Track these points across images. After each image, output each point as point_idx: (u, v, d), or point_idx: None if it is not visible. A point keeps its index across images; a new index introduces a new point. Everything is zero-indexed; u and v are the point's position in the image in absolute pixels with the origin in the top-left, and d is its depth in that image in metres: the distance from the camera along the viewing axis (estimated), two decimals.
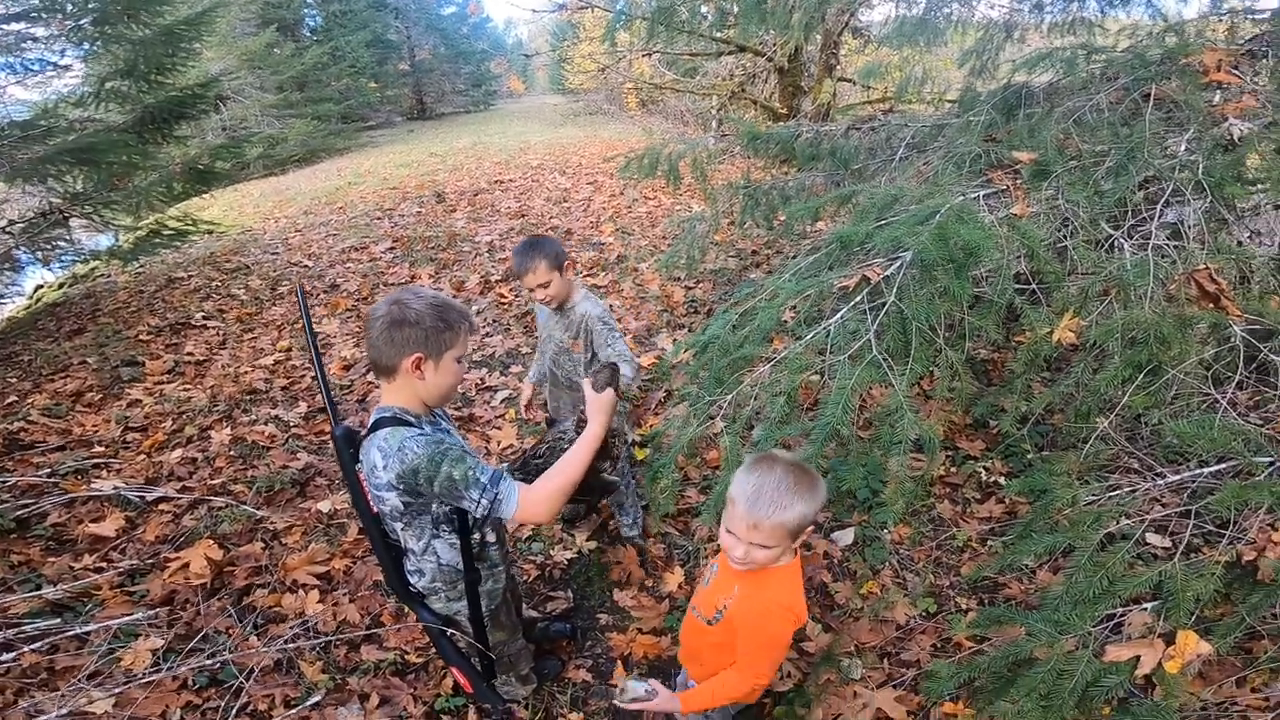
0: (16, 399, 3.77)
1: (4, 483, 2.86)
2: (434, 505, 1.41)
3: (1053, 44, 3.28)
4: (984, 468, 2.91)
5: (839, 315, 1.84)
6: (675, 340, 4.26)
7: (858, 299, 1.85)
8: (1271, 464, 1.33)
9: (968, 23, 4.96)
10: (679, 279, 5.12)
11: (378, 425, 1.35)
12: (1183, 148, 1.79)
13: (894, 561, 2.49)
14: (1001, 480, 2.84)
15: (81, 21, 5.21)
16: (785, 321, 2.06)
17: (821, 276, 2.01)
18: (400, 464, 1.28)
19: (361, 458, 1.37)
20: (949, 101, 5.19)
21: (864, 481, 2.79)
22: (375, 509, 1.41)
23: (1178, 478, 1.45)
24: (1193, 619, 1.22)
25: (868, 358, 1.62)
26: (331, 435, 1.40)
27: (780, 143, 4.17)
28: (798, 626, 1.32)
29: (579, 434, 1.46)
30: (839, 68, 8.67)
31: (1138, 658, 1.20)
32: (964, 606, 2.25)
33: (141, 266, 6.77)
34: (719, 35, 8.00)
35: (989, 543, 2.53)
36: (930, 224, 1.70)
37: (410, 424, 1.36)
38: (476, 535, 1.55)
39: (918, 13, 4.80)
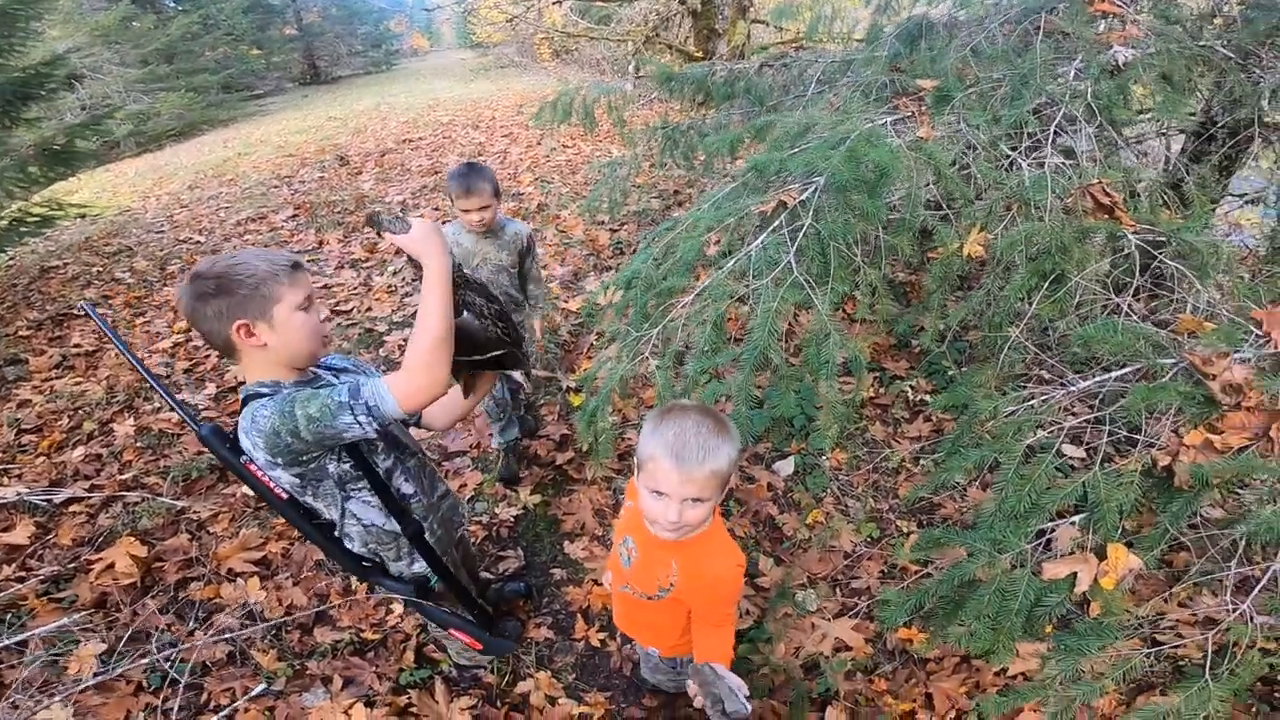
0: None
1: None
2: (329, 464, 1.30)
3: None
4: (910, 386, 3.07)
5: (759, 241, 1.86)
6: (602, 282, 4.24)
7: (776, 223, 1.87)
8: (1175, 365, 1.42)
9: None
10: (603, 223, 5.08)
11: (246, 404, 1.23)
12: (1072, 74, 1.88)
13: (835, 488, 2.61)
14: (927, 398, 3.00)
15: None
16: (708, 253, 2.07)
17: (740, 204, 2.02)
18: (260, 435, 1.16)
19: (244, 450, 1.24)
20: (857, 40, 5.25)
21: (798, 408, 2.88)
22: (285, 493, 1.29)
23: (1087, 384, 1.53)
24: (1118, 531, 1.25)
25: (789, 280, 1.65)
26: (199, 438, 1.23)
27: (695, 83, 4.13)
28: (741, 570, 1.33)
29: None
30: (752, 9, 8.61)
31: (1074, 574, 1.25)
32: (905, 530, 2.39)
33: (11, 258, 6.10)
34: None
35: (921, 462, 2.69)
36: (841, 148, 1.73)
37: (264, 394, 1.22)
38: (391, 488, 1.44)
39: None
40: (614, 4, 9.17)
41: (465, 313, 1.27)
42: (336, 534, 1.41)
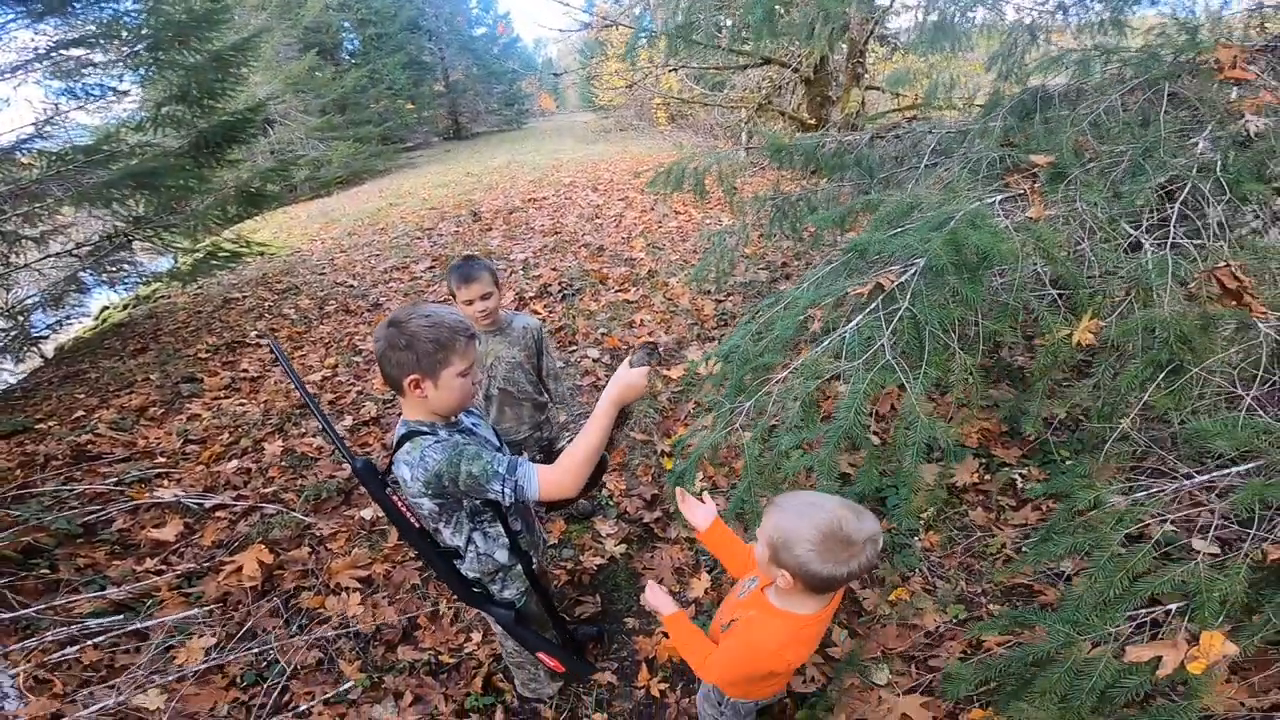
0: (84, 413, 4.06)
1: (73, 491, 3.10)
2: (464, 501, 1.50)
3: (1083, 45, 3.25)
4: (1019, 475, 2.87)
5: (854, 323, 1.88)
6: (704, 352, 4.31)
7: (872, 306, 1.88)
8: None
9: (993, 27, 4.93)
10: (709, 292, 5.15)
11: (401, 441, 1.44)
12: (1200, 146, 1.78)
13: (924, 568, 2.48)
14: (1037, 487, 2.79)
15: (137, 47, 5.40)
16: (812, 330, 2.11)
17: (839, 284, 2.05)
18: (424, 471, 1.38)
19: (395, 473, 1.46)
20: (978, 106, 5.14)
21: (892, 488, 2.79)
22: (418, 523, 1.49)
23: (1205, 478, 1.43)
24: (1218, 621, 1.21)
25: (880, 363, 1.65)
26: (354, 471, 1.44)
27: (805, 154, 4.21)
28: (782, 670, 1.35)
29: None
30: (866, 76, 8.64)
31: (1159, 658, 1.19)
32: (995, 613, 2.23)
33: (199, 288, 7.17)
34: (742, 49, 8.08)
35: (1022, 549, 2.50)
36: (942, 231, 1.73)
37: (425, 432, 1.45)
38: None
39: (936, 19, 4.79)
40: (728, 71, 9.54)
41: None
42: (455, 562, 1.60)
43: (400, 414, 1.53)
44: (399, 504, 1.44)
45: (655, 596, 1.56)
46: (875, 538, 1.18)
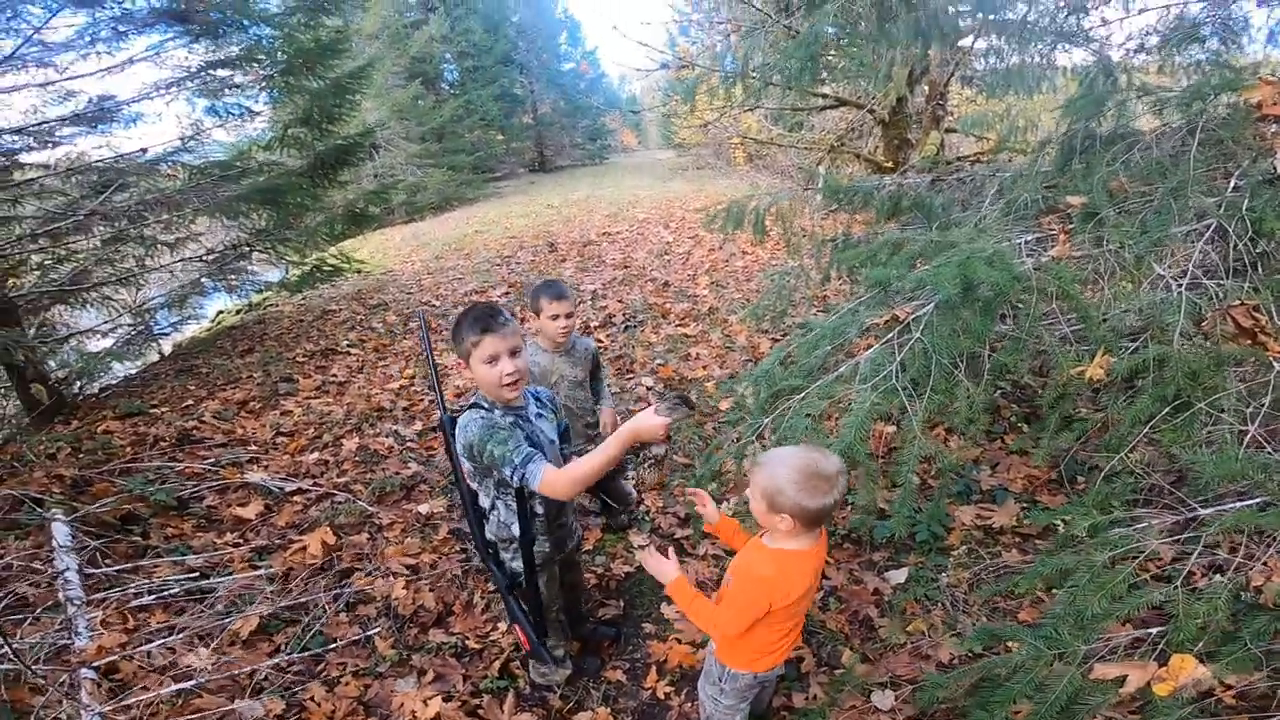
0: (193, 403, 4.62)
1: (174, 469, 3.54)
2: (493, 471, 1.74)
3: (1179, 83, 3.17)
4: (1062, 520, 2.79)
5: (869, 351, 1.98)
6: (743, 374, 4.39)
7: (888, 336, 1.98)
8: None
9: (1070, 69, 4.87)
10: (766, 331, 5.21)
11: (468, 408, 1.76)
12: (1230, 184, 1.78)
13: (946, 603, 2.46)
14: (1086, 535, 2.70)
15: (272, 71, 6.03)
16: (835, 358, 2.22)
17: (859, 315, 2.15)
18: (464, 437, 1.70)
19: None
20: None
21: (925, 527, 2.78)
22: (466, 478, 1.81)
23: (1208, 511, 1.43)
24: (1196, 646, 1.22)
25: (885, 386, 1.74)
26: (440, 422, 1.79)
27: (863, 196, 4.27)
28: (780, 602, 1.48)
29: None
30: (947, 118, 8.55)
31: (1124, 677, 1.22)
32: (1012, 648, 2.19)
33: (304, 298, 7.93)
34: (820, 91, 8.21)
35: (1054, 590, 2.43)
36: (952, 267, 1.81)
37: (483, 408, 1.75)
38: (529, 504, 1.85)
39: (1013, 62, 4.79)
40: (805, 112, 9.68)
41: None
42: (485, 519, 1.89)
43: None
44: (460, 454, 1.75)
45: (655, 563, 1.68)
46: (843, 471, 1.41)
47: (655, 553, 1.70)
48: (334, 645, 2.43)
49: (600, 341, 5.48)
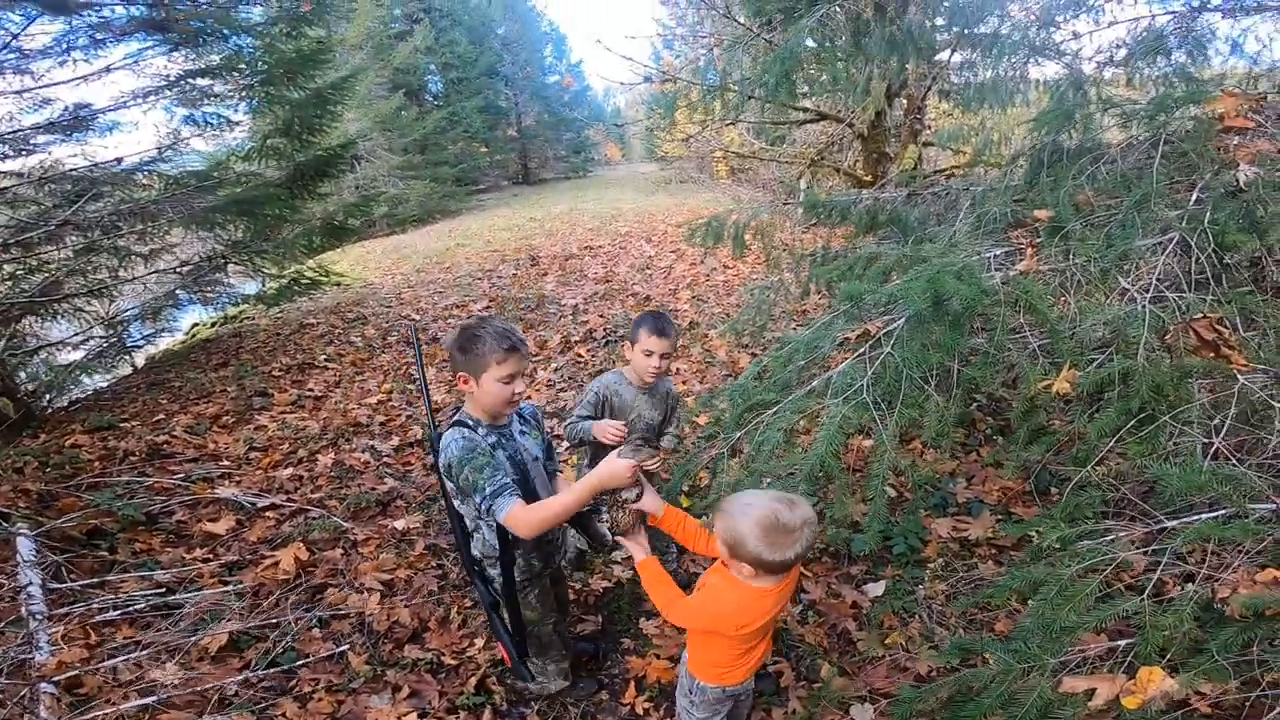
0: (164, 417, 4.53)
1: (143, 484, 3.46)
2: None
3: (1146, 95, 3.24)
4: (1035, 532, 2.81)
5: (841, 365, 1.99)
6: (719, 388, 4.39)
7: (861, 350, 1.99)
8: (1275, 510, 1.32)
9: (1042, 83, 4.97)
10: (746, 345, 5.23)
11: (452, 425, 1.75)
12: (1194, 197, 1.83)
13: (924, 615, 2.46)
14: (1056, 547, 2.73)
15: (253, 81, 5.86)
16: (809, 371, 2.23)
17: (832, 330, 2.16)
18: (445, 457, 1.69)
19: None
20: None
21: (901, 538, 2.79)
22: (452, 493, 1.78)
23: (1175, 524, 1.45)
24: (1163, 659, 1.23)
25: (856, 400, 1.75)
26: (432, 438, 1.78)
27: (840, 211, 4.32)
28: (733, 632, 1.48)
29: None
30: (925, 132, 8.70)
31: (1093, 690, 1.23)
32: (989, 660, 2.20)
33: (281, 311, 7.82)
34: (800, 105, 8.32)
35: (1029, 601, 2.45)
36: (922, 281, 1.84)
37: (467, 426, 1.73)
38: None
39: (987, 76, 4.89)
40: (786, 126, 9.80)
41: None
42: (470, 537, 1.88)
43: None
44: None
45: (630, 542, 1.70)
46: (810, 521, 1.35)
47: (642, 531, 1.70)
48: (306, 660, 2.38)
49: (581, 357, 5.46)
